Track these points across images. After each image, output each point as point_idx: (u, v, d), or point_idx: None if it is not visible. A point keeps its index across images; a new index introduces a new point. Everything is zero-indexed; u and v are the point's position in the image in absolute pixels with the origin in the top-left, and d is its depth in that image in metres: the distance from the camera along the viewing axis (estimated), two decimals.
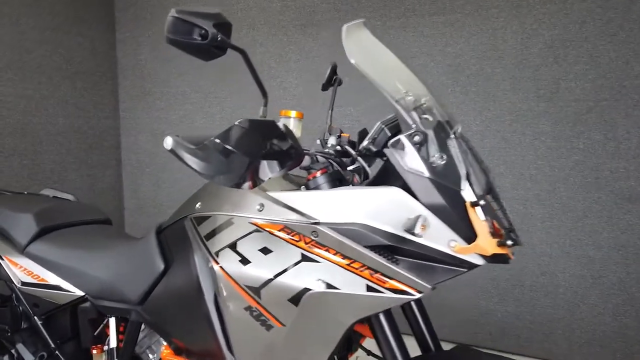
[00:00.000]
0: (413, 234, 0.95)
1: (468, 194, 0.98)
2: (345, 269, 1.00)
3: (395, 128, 1.13)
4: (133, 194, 3.58)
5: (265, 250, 1.08)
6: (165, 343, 1.39)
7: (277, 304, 1.05)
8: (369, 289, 0.98)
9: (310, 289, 1.01)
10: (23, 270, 1.53)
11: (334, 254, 1.01)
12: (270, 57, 3.10)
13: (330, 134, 1.28)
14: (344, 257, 1.00)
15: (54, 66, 3.03)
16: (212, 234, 1.17)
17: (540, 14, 2.50)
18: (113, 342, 1.43)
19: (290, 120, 1.21)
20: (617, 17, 2.38)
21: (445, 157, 0.99)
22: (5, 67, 2.76)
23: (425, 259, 0.98)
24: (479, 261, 0.95)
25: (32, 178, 2.93)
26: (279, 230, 1.07)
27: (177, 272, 1.27)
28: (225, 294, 1.12)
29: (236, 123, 0.99)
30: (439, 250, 0.95)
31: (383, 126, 1.12)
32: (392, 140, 1.01)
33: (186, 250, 1.23)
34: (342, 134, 1.29)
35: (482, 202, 0.97)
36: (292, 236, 1.06)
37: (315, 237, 1.03)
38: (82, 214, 1.72)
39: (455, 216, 0.95)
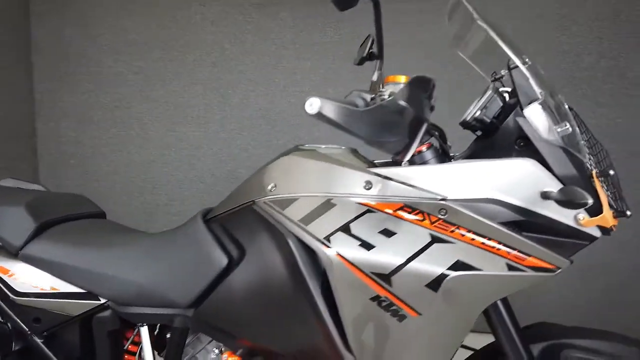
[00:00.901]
0: (543, 207, 0.91)
1: (590, 164, 0.96)
2: (481, 248, 0.92)
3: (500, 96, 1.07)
4: (54, 189, 3.09)
5: (387, 233, 0.96)
6: (217, 349, 1.19)
7: (413, 291, 0.94)
8: (510, 267, 0.91)
9: (449, 273, 0.92)
10: (17, 277, 1.20)
11: (467, 232, 0.93)
12: (224, 38, 2.87)
13: None
14: (478, 235, 0.92)
15: None
16: (310, 218, 1.01)
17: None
18: (149, 355, 1.19)
19: (400, 86, 1.10)
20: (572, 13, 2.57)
21: (569, 126, 0.96)
22: None
23: (548, 234, 0.94)
24: (597, 233, 0.93)
25: None
26: (398, 210, 0.96)
27: (254, 264, 1.07)
28: (343, 283, 0.97)
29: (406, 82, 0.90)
30: (567, 224, 0.92)
31: (495, 94, 1.05)
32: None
33: (268, 237, 1.06)
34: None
35: (611, 172, 0.95)
36: (415, 215, 0.95)
37: (443, 215, 0.94)
38: (74, 207, 1.41)
39: (584, 188, 0.92)
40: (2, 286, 1.20)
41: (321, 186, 1.03)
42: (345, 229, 0.98)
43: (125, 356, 1.28)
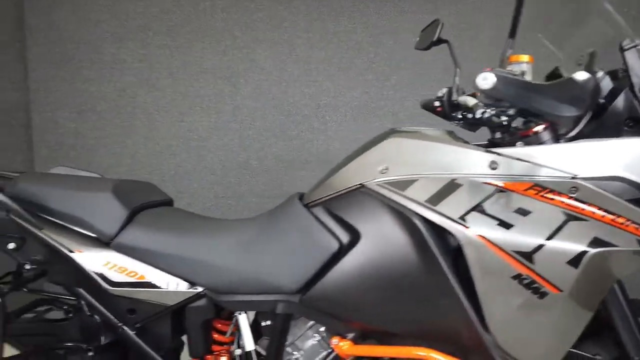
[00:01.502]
0: None
1: None
2: (613, 225, 0.96)
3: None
4: None
5: (522, 212, 0.99)
6: (318, 334, 1.18)
7: (554, 268, 0.97)
8: None
9: (589, 249, 0.95)
10: (112, 267, 1.14)
11: (598, 210, 0.96)
12: (234, 25, 2.80)
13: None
14: (608, 212, 0.96)
15: None
16: (437, 199, 1.02)
17: None
18: (249, 343, 1.17)
19: (524, 66, 1.11)
20: None
21: None
22: None
23: None
24: None
25: None
26: (528, 189, 0.99)
27: (372, 246, 1.08)
28: (483, 262, 0.98)
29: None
30: None
31: (606, 75, 1.08)
32: None
33: (388, 219, 1.06)
34: None
35: None
36: (546, 194, 0.98)
37: (574, 193, 0.97)
38: (149, 194, 1.35)
39: None
40: (96, 277, 1.13)
41: (443, 167, 1.05)
42: (479, 208, 0.99)
43: (213, 347, 1.25)
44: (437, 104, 1.14)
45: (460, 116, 1.09)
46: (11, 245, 1.15)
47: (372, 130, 2.85)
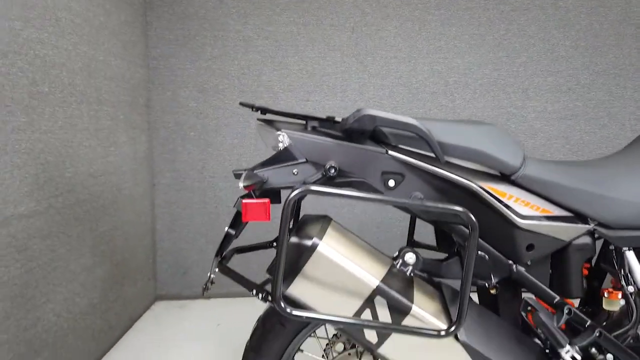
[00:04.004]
0: None
1: None
2: None
3: None
4: (169, 165, 2.80)
5: None
6: None
7: None
8: None
9: None
10: (516, 200, 1.06)
11: None
12: (364, 2, 2.76)
13: None
14: None
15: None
16: None
17: None
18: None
19: None
20: None
21: None
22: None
23: None
24: None
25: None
26: None
27: None
28: None
29: None
30: None
31: None
32: None
33: None
34: None
35: None
36: None
37: None
38: None
39: None
40: (506, 210, 1.05)
41: None
42: None
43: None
44: None
45: None
46: (391, 183, 1.06)
47: (501, 107, 2.87)
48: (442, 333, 0.91)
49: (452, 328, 0.91)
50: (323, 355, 1.28)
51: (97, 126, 2.10)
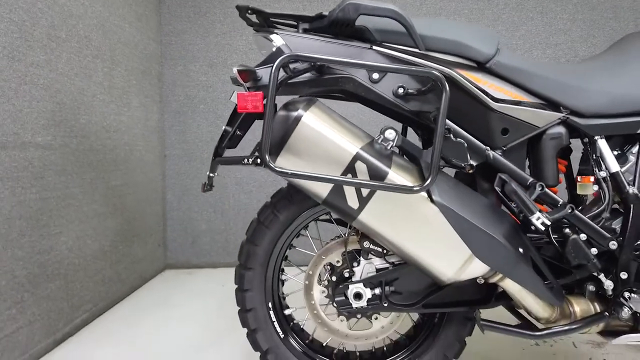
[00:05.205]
0: None
1: None
2: None
3: None
4: (180, 137, 2.91)
5: None
6: None
7: None
8: None
9: None
10: (491, 85, 1.14)
11: None
12: None
13: None
14: None
15: None
16: None
17: None
18: (613, 165, 1.16)
19: None
20: None
21: None
22: None
23: None
24: None
25: None
26: None
27: None
28: None
29: None
30: None
31: None
32: None
33: None
34: None
35: None
36: None
37: None
38: None
39: None
40: (480, 93, 1.13)
41: None
42: None
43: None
44: None
45: None
46: (375, 76, 1.14)
47: None
48: (415, 189, 0.98)
49: (425, 184, 0.97)
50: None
51: (111, 84, 2.22)
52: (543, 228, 1.03)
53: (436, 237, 1.05)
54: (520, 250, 1.06)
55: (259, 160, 1.08)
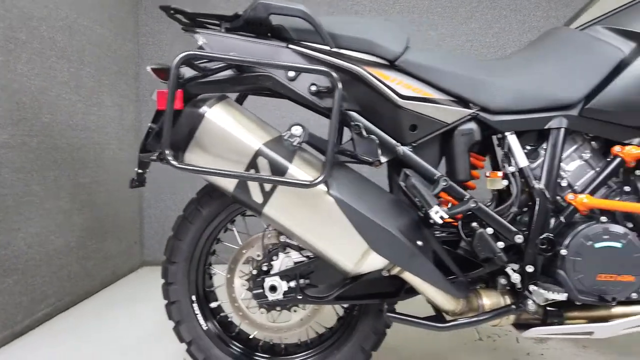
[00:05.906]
0: None
1: None
2: None
3: None
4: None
5: None
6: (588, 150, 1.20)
7: None
8: None
9: None
10: (399, 83, 1.16)
11: None
12: None
13: None
14: None
15: None
16: None
17: None
18: (522, 160, 1.17)
19: None
20: None
21: None
22: None
23: None
24: None
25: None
26: None
27: None
28: None
29: None
30: None
31: None
32: None
33: None
34: None
35: None
36: None
37: None
38: None
39: None
40: (387, 90, 1.15)
41: None
42: None
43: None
44: None
45: None
46: (291, 74, 1.17)
47: None
48: (308, 184, 1.00)
49: (318, 179, 1.00)
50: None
51: (79, 83, 2.27)
52: (441, 221, 1.04)
53: (335, 230, 1.07)
54: (419, 243, 1.08)
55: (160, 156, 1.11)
